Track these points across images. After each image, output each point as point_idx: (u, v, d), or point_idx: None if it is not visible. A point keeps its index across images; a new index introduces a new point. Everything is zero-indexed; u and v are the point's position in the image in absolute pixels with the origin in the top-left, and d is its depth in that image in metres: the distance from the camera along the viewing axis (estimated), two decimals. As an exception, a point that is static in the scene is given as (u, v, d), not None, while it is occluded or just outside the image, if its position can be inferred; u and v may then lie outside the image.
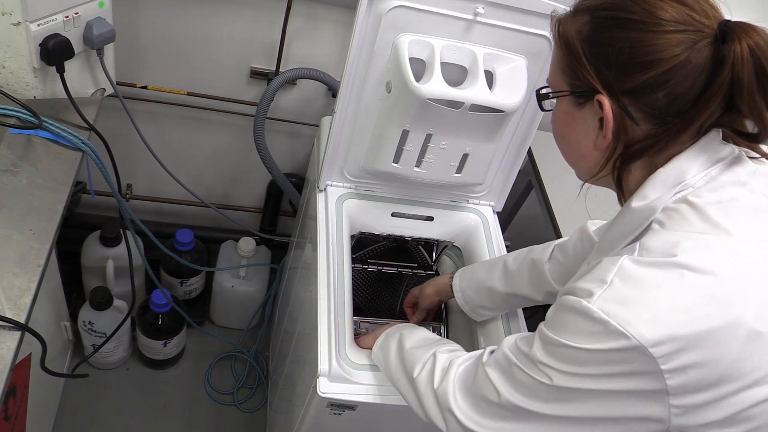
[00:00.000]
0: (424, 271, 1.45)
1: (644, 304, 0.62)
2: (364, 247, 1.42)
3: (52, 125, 1.08)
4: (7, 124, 1.06)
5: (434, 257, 1.44)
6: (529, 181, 1.77)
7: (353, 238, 1.30)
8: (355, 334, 1.11)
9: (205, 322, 1.99)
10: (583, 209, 0.85)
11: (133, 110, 1.53)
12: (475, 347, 1.15)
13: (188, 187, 1.58)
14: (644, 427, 0.65)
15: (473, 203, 1.37)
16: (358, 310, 1.34)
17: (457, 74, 1.09)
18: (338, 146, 1.22)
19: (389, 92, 1.11)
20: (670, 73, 0.64)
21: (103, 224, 1.68)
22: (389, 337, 1.02)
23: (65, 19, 1.09)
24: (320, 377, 1.01)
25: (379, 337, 1.05)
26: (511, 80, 1.10)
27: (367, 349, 1.06)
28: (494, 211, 1.38)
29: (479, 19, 1.06)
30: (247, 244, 1.81)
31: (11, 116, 1.07)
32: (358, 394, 1.01)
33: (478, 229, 1.34)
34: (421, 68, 1.07)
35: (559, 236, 1.48)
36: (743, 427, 0.63)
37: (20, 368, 1.18)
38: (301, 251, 1.49)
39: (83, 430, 1.67)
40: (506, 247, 1.32)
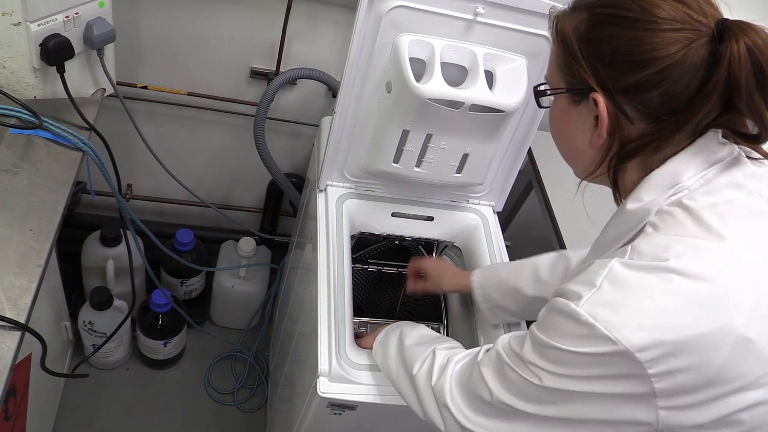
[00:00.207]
0: (424, 271, 1.45)
1: (632, 308, 0.62)
2: (364, 247, 1.42)
3: (52, 125, 1.08)
4: (7, 124, 1.06)
5: (434, 257, 1.44)
6: (529, 181, 1.77)
7: (353, 238, 1.30)
8: (355, 334, 1.11)
9: (205, 322, 1.99)
10: (582, 209, 0.85)
11: (133, 110, 1.53)
12: (474, 345, 1.15)
13: (188, 187, 1.58)
14: (633, 428, 0.65)
15: (473, 203, 1.37)
16: (358, 310, 1.34)
17: (457, 74, 1.09)
18: (338, 146, 1.22)
19: (389, 92, 1.11)
20: (665, 71, 0.63)
21: (103, 224, 1.68)
22: (389, 334, 1.02)
23: (65, 19, 1.09)
24: (320, 377, 1.01)
25: (379, 335, 1.05)
26: (511, 80, 1.10)
27: (367, 349, 1.06)
28: (494, 211, 1.38)
29: (479, 19, 1.06)
30: (247, 244, 1.81)
31: (11, 116, 1.07)
32: (358, 394, 1.01)
33: (478, 229, 1.34)
34: (421, 68, 1.07)
35: (559, 236, 1.48)
36: (732, 430, 0.63)
37: (20, 368, 1.18)
38: (301, 251, 1.49)
39: (83, 430, 1.67)
40: (506, 247, 1.32)
